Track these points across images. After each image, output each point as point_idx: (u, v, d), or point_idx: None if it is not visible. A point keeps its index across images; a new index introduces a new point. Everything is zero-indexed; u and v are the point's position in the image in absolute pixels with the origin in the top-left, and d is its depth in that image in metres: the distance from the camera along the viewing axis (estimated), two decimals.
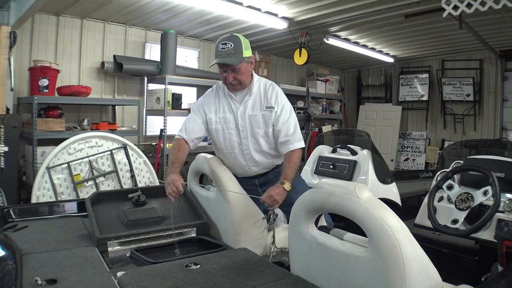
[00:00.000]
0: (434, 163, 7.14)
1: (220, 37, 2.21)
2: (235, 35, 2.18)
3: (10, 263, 1.55)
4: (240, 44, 2.13)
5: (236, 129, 2.25)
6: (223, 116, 2.26)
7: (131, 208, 2.33)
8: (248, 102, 2.23)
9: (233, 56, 2.10)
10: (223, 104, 2.27)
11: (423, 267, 1.26)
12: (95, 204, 2.23)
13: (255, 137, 2.24)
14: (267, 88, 2.25)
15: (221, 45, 2.12)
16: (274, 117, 2.20)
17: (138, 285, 1.44)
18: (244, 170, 2.33)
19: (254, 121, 2.22)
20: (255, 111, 2.22)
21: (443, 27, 5.15)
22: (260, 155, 2.28)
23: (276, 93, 2.23)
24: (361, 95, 8.49)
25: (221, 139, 2.29)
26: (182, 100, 5.25)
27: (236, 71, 2.12)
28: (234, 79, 2.15)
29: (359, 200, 1.32)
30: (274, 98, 2.21)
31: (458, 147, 3.41)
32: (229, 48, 2.10)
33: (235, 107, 2.24)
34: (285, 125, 2.19)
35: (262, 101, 2.22)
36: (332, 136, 3.83)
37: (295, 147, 2.17)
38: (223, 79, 2.19)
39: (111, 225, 2.13)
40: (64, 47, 4.66)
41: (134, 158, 4.39)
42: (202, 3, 4.19)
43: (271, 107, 2.20)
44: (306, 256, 1.55)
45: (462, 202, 2.07)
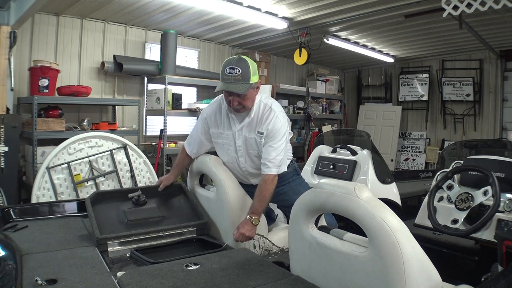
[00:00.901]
0: (434, 163, 7.14)
1: (228, 58, 2.17)
2: (243, 59, 2.13)
3: (10, 263, 1.55)
4: (248, 69, 2.09)
5: (234, 146, 2.30)
6: (224, 132, 2.32)
7: (131, 208, 2.33)
8: (245, 125, 2.25)
9: (240, 83, 2.06)
10: (224, 121, 2.31)
11: (423, 267, 1.26)
12: (95, 204, 2.23)
13: (250, 157, 2.30)
14: (264, 113, 2.22)
15: (229, 69, 2.07)
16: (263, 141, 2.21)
17: (138, 285, 1.44)
18: (244, 180, 2.42)
19: (249, 143, 2.26)
20: (250, 134, 2.25)
21: (443, 27, 5.15)
22: (256, 171, 2.33)
23: (271, 119, 2.20)
24: (361, 95, 8.49)
25: (222, 152, 2.39)
26: (182, 100, 5.25)
27: (241, 97, 2.12)
28: (239, 104, 2.14)
29: (359, 200, 1.32)
30: (266, 124, 2.20)
31: (458, 147, 3.41)
32: (237, 74, 2.05)
33: (234, 127, 2.27)
34: (266, 149, 2.18)
35: (256, 125, 2.23)
36: (332, 136, 3.83)
37: (269, 172, 2.16)
38: (227, 102, 2.19)
39: (111, 225, 2.13)
40: (64, 47, 4.66)
41: (134, 158, 4.39)
42: (202, 3, 4.19)
43: (261, 133, 2.21)
44: (306, 256, 1.55)
45: (462, 202, 2.07)
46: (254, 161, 2.29)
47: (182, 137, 5.60)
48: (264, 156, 2.19)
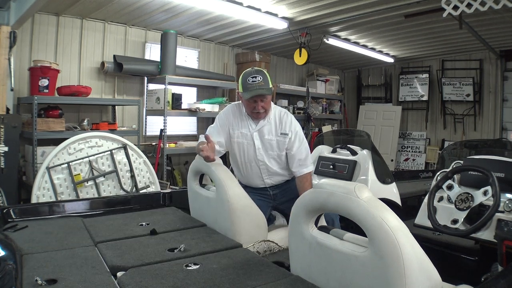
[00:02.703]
0: (434, 163, 7.14)
1: (245, 71, 2.40)
2: (259, 69, 2.40)
3: (10, 263, 1.55)
4: (267, 77, 2.36)
5: (253, 145, 2.45)
6: (243, 132, 2.46)
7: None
8: (265, 128, 2.43)
9: (265, 87, 2.31)
10: (243, 122, 2.47)
11: (423, 267, 1.26)
12: None
13: (269, 157, 2.45)
14: (282, 116, 2.46)
15: (251, 78, 2.31)
16: (288, 143, 2.42)
17: (138, 285, 1.44)
18: (260, 181, 2.51)
19: (269, 144, 2.43)
20: (270, 136, 2.43)
21: (443, 27, 5.15)
22: (274, 169, 2.48)
23: (290, 121, 2.45)
24: (361, 95, 8.49)
25: (241, 152, 2.48)
26: (182, 100, 5.25)
27: (264, 100, 2.34)
28: (263, 108, 2.35)
29: (359, 200, 1.32)
30: (288, 125, 2.43)
31: (458, 147, 3.41)
32: (260, 81, 2.31)
33: (252, 128, 2.45)
34: (298, 150, 2.42)
35: (277, 127, 2.44)
36: (332, 136, 3.83)
37: (307, 171, 2.43)
38: (251, 108, 2.36)
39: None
40: (64, 47, 4.67)
41: (134, 158, 4.39)
42: (202, 3, 4.20)
43: (285, 134, 2.43)
44: (306, 256, 1.55)
45: (462, 202, 2.07)
46: (272, 162, 2.45)
47: (182, 137, 5.60)
48: (297, 157, 2.42)
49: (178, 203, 2.83)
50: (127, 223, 2.30)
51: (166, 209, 2.68)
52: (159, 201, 2.87)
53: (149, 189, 4.37)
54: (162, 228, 2.19)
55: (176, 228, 2.23)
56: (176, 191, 3.04)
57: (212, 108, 5.51)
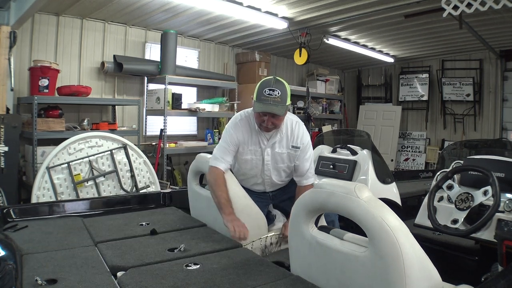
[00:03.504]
0: (434, 163, 7.14)
1: (265, 79, 2.23)
2: (281, 81, 2.20)
3: (10, 263, 1.55)
4: (286, 92, 2.16)
5: (262, 161, 2.36)
6: (253, 148, 2.34)
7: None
8: (276, 142, 2.33)
9: (279, 105, 2.11)
10: (254, 138, 2.34)
11: (423, 267, 1.26)
12: None
13: (277, 170, 2.39)
14: (294, 128, 2.35)
15: (268, 90, 2.11)
16: (297, 155, 2.35)
17: (138, 285, 1.44)
18: (260, 189, 2.48)
19: (280, 157, 2.35)
20: (281, 149, 2.34)
21: (443, 27, 5.15)
22: (278, 181, 2.45)
23: (302, 133, 2.36)
24: (361, 95, 8.49)
25: (248, 167, 2.39)
26: (182, 100, 5.25)
27: (276, 117, 2.17)
28: (272, 124, 2.19)
29: (359, 200, 1.32)
30: (300, 138, 2.34)
31: (458, 147, 3.41)
32: (276, 96, 2.10)
33: (263, 144, 2.33)
34: (303, 161, 2.35)
35: (288, 140, 2.34)
36: (332, 136, 3.83)
37: (309, 183, 2.36)
38: (259, 121, 2.21)
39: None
40: (64, 47, 4.66)
41: (134, 158, 4.39)
42: (202, 3, 4.19)
43: (297, 147, 2.34)
44: (306, 256, 1.55)
45: (462, 202, 2.07)
46: (280, 173, 2.41)
47: (182, 137, 5.60)
48: (301, 169, 2.35)
49: (178, 203, 2.84)
50: (127, 223, 2.30)
51: (166, 209, 2.68)
52: (159, 201, 2.88)
53: (149, 189, 4.36)
54: (162, 228, 2.19)
55: (176, 228, 2.23)
56: (176, 191, 3.05)
57: (212, 108, 5.51)
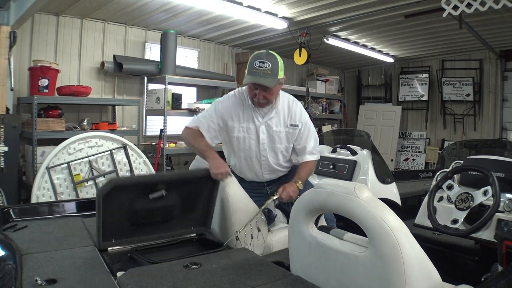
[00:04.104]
0: (434, 163, 7.14)
1: (257, 52, 2.17)
2: (272, 54, 2.15)
3: (10, 263, 1.55)
4: (277, 64, 2.12)
5: (256, 140, 2.26)
6: (246, 126, 2.25)
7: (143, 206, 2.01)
8: (273, 119, 2.25)
9: (269, 78, 2.07)
10: (247, 115, 2.25)
11: (423, 267, 1.26)
12: (107, 204, 1.89)
13: (275, 151, 2.29)
14: (291, 105, 2.29)
15: (259, 62, 2.07)
16: (298, 134, 2.28)
17: (138, 285, 1.44)
18: (257, 176, 2.38)
19: (277, 137, 2.26)
20: (279, 128, 2.25)
21: (443, 27, 5.15)
22: (276, 166, 2.35)
23: (300, 111, 2.30)
24: (361, 95, 8.49)
25: (241, 147, 2.29)
26: (182, 100, 5.25)
27: (267, 91, 2.11)
28: (264, 98, 2.14)
29: (359, 200, 1.32)
30: (298, 116, 2.27)
31: (458, 147, 3.41)
32: (267, 68, 2.06)
33: (258, 121, 2.25)
34: (307, 141, 2.29)
35: (286, 118, 2.26)
36: (332, 136, 3.84)
37: (313, 159, 2.32)
38: (252, 95, 2.16)
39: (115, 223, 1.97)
40: (64, 47, 4.66)
41: (134, 158, 4.39)
42: (202, 3, 4.19)
43: (295, 125, 2.26)
44: (306, 256, 1.55)
45: (462, 202, 2.07)
46: (278, 155, 2.30)
47: None
48: (305, 148, 2.29)
49: None
50: None
51: None
52: None
53: None
54: None
55: None
56: None
57: None
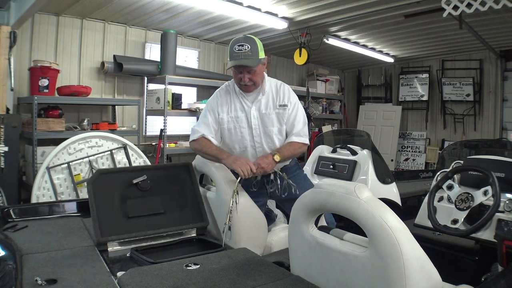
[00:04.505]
0: (434, 163, 7.13)
1: (234, 38, 2.22)
2: (250, 37, 2.21)
3: (10, 263, 1.55)
4: (256, 45, 2.16)
5: (248, 128, 2.26)
6: (235, 115, 2.27)
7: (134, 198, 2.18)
8: (261, 101, 2.26)
9: (250, 58, 2.11)
10: (235, 103, 2.28)
11: (423, 267, 1.26)
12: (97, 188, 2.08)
13: (269, 135, 2.27)
14: (279, 87, 2.30)
15: (238, 46, 2.12)
16: (287, 115, 2.26)
17: (138, 285, 1.44)
18: None
19: (268, 119, 2.25)
20: (268, 110, 2.25)
21: (443, 27, 5.14)
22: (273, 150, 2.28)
23: (288, 92, 2.30)
24: (361, 95, 8.49)
25: (233, 138, 2.29)
26: (182, 100, 5.25)
27: (252, 72, 2.15)
28: (250, 80, 2.17)
29: (359, 200, 1.32)
30: (286, 96, 2.27)
31: (458, 147, 3.40)
32: (246, 50, 2.11)
33: (247, 106, 2.26)
34: (295, 122, 2.26)
35: (274, 99, 2.27)
36: (332, 136, 3.84)
37: (301, 141, 2.27)
38: (238, 80, 2.20)
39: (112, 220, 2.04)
40: (64, 47, 4.66)
41: (134, 158, 4.39)
42: (202, 3, 4.19)
43: (285, 105, 2.25)
44: (306, 256, 1.55)
45: (462, 202, 2.07)
46: (273, 139, 2.27)
47: (182, 137, 5.60)
48: (292, 129, 2.26)
49: None
50: None
51: None
52: None
53: None
54: None
55: None
56: None
57: None
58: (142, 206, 2.19)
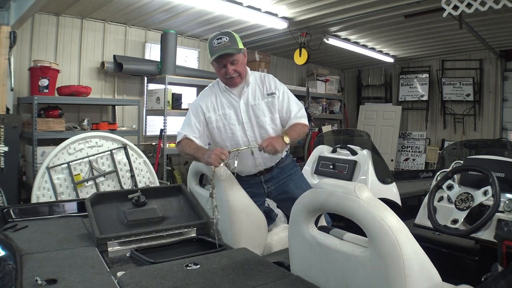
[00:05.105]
0: (434, 163, 7.13)
1: (211, 35, 2.23)
2: (227, 31, 2.22)
3: (10, 263, 1.55)
4: (234, 37, 2.17)
5: (238, 124, 2.24)
6: (222, 113, 2.25)
7: (131, 208, 2.33)
8: (248, 93, 2.25)
9: (231, 47, 2.12)
10: (222, 101, 2.27)
11: (423, 267, 1.26)
12: (95, 205, 2.23)
13: (262, 126, 2.24)
14: (263, 77, 2.30)
15: (216, 40, 2.14)
16: (278, 103, 2.24)
17: (138, 285, 1.44)
18: (250, 165, 2.30)
19: (258, 110, 2.23)
20: (256, 100, 2.24)
21: (443, 27, 5.15)
22: None
23: (274, 80, 2.30)
24: (361, 95, 8.49)
25: (224, 137, 2.26)
26: (182, 100, 5.25)
27: (235, 63, 2.16)
28: (235, 71, 2.17)
29: (359, 200, 1.32)
30: (273, 84, 2.27)
31: (458, 147, 3.40)
32: (226, 41, 2.12)
33: (235, 101, 2.25)
34: (290, 107, 2.25)
35: (261, 89, 2.26)
36: (332, 136, 3.83)
37: (301, 121, 2.26)
38: (223, 74, 2.20)
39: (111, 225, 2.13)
40: (64, 47, 4.66)
41: (134, 158, 4.39)
42: (202, 3, 4.19)
43: (273, 93, 2.24)
44: (306, 256, 1.55)
45: (462, 202, 2.07)
46: (267, 129, 2.23)
47: None
48: (289, 114, 2.25)
49: None
50: None
51: None
52: None
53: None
54: None
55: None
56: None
57: None
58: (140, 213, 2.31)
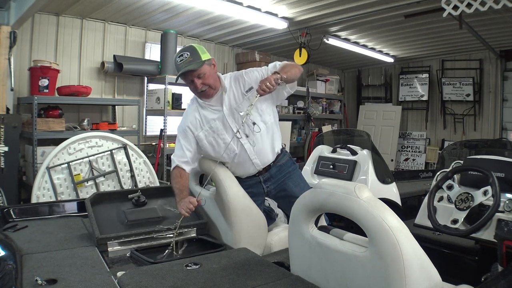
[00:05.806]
0: (434, 163, 7.13)
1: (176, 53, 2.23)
2: (188, 45, 2.20)
3: (10, 263, 1.55)
4: (196, 51, 2.15)
5: (227, 132, 2.22)
6: (209, 127, 2.23)
7: (131, 208, 2.33)
8: (229, 98, 2.22)
9: (192, 63, 2.10)
10: (205, 115, 2.24)
11: (423, 267, 1.26)
12: (95, 205, 2.23)
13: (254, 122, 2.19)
14: (236, 76, 2.28)
15: (178, 58, 2.14)
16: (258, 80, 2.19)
17: (138, 285, 1.44)
18: (248, 167, 2.29)
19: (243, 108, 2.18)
20: (238, 101, 2.22)
21: (443, 27, 5.15)
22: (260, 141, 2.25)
23: (246, 74, 2.27)
24: (361, 95, 8.49)
25: (217, 149, 2.25)
26: (182, 100, 5.24)
27: (201, 76, 2.13)
28: (203, 85, 2.15)
29: (359, 200, 1.32)
30: (247, 79, 2.25)
31: (458, 147, 3.40)
32: (187, 57, 2.11)
33: (218, 110, 2.23)
34: (267, 71, 2.28)
35: (239, 89, 2.24)
36: (332, 136, 3.83)
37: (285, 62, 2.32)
38: (193, 89, 2.20)
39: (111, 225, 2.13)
40: (64, 47, 4.66)
41: (134, 158, 4.39)
42: (202, 3, 4.19)
43: (250, 88, 2.21)
44: (306, 256, 1.55)
45: (462, 202, 2.07)
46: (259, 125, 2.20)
47: None
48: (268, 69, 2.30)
49: None
50: None
51: None
52: None
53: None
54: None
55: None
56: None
57: None
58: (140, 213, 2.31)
